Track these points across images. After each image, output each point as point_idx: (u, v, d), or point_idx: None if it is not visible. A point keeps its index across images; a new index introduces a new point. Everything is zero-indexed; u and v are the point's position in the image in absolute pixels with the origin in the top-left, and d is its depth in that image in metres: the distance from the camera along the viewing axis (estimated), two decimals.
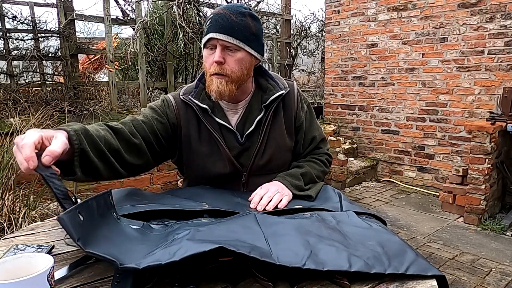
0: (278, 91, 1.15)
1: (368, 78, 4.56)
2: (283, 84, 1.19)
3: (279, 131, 1.18)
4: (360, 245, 0.77)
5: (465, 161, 3.66)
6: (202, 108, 1.13)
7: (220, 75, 1.05)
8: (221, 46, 1.04)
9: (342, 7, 4.71)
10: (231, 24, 1.03)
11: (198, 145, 1.15)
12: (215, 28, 1.04)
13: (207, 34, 1.06)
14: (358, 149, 4.76)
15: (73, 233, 0.64)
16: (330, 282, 0.68)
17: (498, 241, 2.85)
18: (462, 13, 3.71)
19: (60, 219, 0.63)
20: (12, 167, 2.33)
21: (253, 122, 1.14)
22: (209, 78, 1.08)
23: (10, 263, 0.57)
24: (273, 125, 1.17)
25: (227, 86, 1.06)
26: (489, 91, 3.63)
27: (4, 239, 0.91)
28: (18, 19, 3.16)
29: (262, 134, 1.15)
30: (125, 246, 0.72)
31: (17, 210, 2.09)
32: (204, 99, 1.14)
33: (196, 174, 1.20)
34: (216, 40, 1.04)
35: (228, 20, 1.04)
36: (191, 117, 1.14)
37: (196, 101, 1.13)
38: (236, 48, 1.05)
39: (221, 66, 1.05)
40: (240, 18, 1.05)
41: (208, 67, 1.07)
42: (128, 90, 4.12)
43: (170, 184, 3.33)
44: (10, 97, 3.00)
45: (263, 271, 0.69)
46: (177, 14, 3.34)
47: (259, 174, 1.17)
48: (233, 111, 1.17)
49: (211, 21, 1.06)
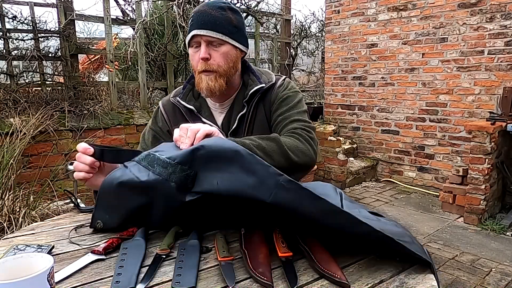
0: (257, 85, 1.14)
1: (368, 78, 4.56)
2: (266, 78, 1.17)
3: (261, 126, 1.16)
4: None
5: (465, 161, 3.66)
6: (188, 109, 1.15)
7: (208, 71, 1.07)
8: (205, 42, 1.05)
9: (342, 7, 4.71)
10: (212, 19, 1.05)
11: None
12: (197, 25, 1.05)
13: (190, 32, 1.07)
14: (358, 149, 4.76)
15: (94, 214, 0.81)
16: (330, 282, 0.68)
17: (498, 241, 2.85)
18: (462, 13, 3.71)
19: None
20: (12, 167, 2.33)
21: (236, 119, 1.14)
22: (198, 76, 1.09)
23: (10, 263, 0.57)
24: (256, 120, 1.15)
25: (216, 82, 1.07)
26: (489, 91, 3.63)
27: (4, 239, 0.91)
28: (18, 19, 3.16)
29: (245, 130, 1.15)
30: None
31: (17, 210, 2.10)
32: (191, 100, 1.16)
33: None
34: (200, 36, 1.05)
35: (209, 16, 1.05)
36: (179, 119, 1.16)
37: (183, 102, 1.15)
38: (220, 42, 1.06)
39: (207, 62, 1.06)
40: (220, 12, 1.06)
41: (196, 65, 1.09)
42: (128, 90, 4.11)
43: None
44: (10, 97, 3.00)
45: (262, 271, 0.69)
46: (177, 14, 3.35)
47: None
48: (220, 110, 1.18)
49: (192, 19, 1.07)
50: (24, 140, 2.60)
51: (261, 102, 1.16)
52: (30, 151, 2.79)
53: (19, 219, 2.01)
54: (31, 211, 2.14)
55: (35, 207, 2.22)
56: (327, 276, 0.69)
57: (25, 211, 2.07)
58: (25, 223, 1.99)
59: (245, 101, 1.14)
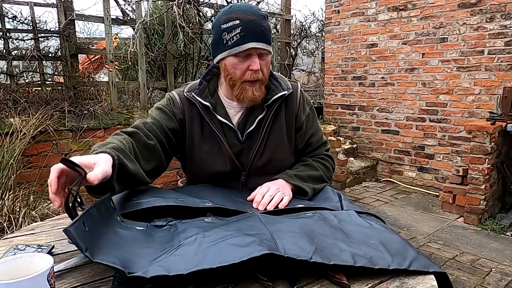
0: (281, 91, 1.15)
1: (368, 78, 4.56)
2: (286, 85, 1.19)
3: (279, 132, 1.18)
4: (362, 243, 0.77)
5: (465, 161, 3.66)
6: (204, 105, 1.14)
7: (254, 81, 1.07)
8: (258, 54, 1.06)
9: (342, 7, 4.71)
10: (264, 31, 1.05)
11: (201, 142, 1.16)
12: (253, 37, 1.03)
13: (243, 44, 1.03)
14: (358, 149, 4.76)
15: (80, 244, 0.64)
16: (330, 282, 0.68)
17: (498, 241, 2.85)
18: (462, 13, 3.71)
19: (66, 231, 0.64)
20: (12, 167, 2.33)
21: (254, 121, 1.14)
22: (240, 86, 1.09)
23: (10, 263, 0.57)
24: (274, 125, 1.17)
25: (260, 91, 1.10)
26: (489, 91, 3.63)
27: (4, 239, 0.91)
28: (18, 19, 3.16)
29: (262, 133, 1.15)
30: (131, 250, 0.72)
31: (17, 210, 2.09)
32: (207, 97, 1.15)
33: (197, 171, 1.21)
34: (255, 49, 1.05)
35: (261, 27, 1.05)
36: (195, 114, 1.16)
37: (199, 98, 1.14)
38: (267, 53, 1.08)
39: (257, 72, 1.07)
40: (265, 22, 1.07)
41: (241, 74, 1.07)
42: (128, 90, 4.11)
43: (170, 184, 3.33)
44: (10, 97, 3.00)
45: (263, 271, 0.69)
46: (177, 14, 3.34)
47: (258, 174, 1.18)
48: (235, 109, 1.17)
49: (242, 28, 1.03)
50: (24, 140, 2.60)
51: (281, 108, 1.18)
52: (30, 151, 2.79)
53: (19, 219, 2.01)
54: (31, 211, 2.14)
55: (35, 207, 2.22)
56: (327, 276, 0.69)
57: (25, 211, 2.07)
58: (25, 223, 1.99)
59: (266, 105, 1.14)
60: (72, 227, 0.65)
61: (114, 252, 0.69)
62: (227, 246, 0.71)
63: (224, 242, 0.73)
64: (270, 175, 1.16)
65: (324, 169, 1.23)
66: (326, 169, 1.25)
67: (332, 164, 1.29)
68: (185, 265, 0.65)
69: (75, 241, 0.64)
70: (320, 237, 0.78)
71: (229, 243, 0.72)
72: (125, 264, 0.65)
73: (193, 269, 0.64)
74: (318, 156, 1.27)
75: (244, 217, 0.90)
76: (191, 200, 0.97)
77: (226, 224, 0.85)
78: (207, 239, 0.75)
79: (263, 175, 1.16)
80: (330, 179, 1.25)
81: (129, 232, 0.78)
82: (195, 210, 0.92)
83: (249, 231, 0.77)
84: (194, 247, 0.72)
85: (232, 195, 1.10)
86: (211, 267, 0.64)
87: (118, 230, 0.77)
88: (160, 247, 0.74)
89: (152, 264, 0.67)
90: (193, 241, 0.74)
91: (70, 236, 0.64)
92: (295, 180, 1.12)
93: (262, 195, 1.04)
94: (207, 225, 0.85)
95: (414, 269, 0.70)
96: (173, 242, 0.76)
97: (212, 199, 1.00)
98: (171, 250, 0.72)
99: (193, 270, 0.63)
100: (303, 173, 1.16)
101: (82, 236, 0.66)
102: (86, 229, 0.68)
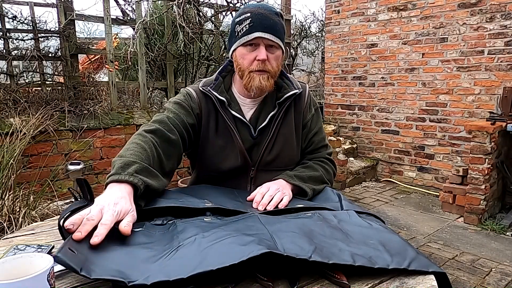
0: (293, 89, 1.20)
1: (368, 78, 4.56)
2: (297, 85, 1.24)
3: (288, 129, 1.22)
4: (362, 243, 0.77)
5: (465, 161, 3.66)
6: (220, 100, 1.16)
7: (262, 71, 1.11)
8: (265, 45, 1.10)
9: (342, 7, 4.71)
10: (274, 24, 1.10)
11: (215, 136, 1.18)
12: (260, 27, 1.08)
13: (251, 33, 1.09)
14: (358, 149, 4.76)
15: (73, 267, 0.62)
16: (330, 282, 0.68)
17: (498, 241, 2.85)
18: (462, 13, 3.71)
19: (56, 258, 0.61)
20: (12, 167, 2.33)
21: (266, 117, 1.18)
22: (248, 74, 1.12)
23: (10, 263, 0.57)
24: (284, 122, 1.21)
25: (268, 81, 1.12)
26: (489, 91, 3.63)
27: (4, 239, 0.91)
28: (18, 19, 3.15)
29: (273, 129, 1.19)
30: (129, 255, 0.71)
31: (17, 210, 2.09)
32: (223, 92, 1.18)
33: (207, 167, 1.22)
34: (261, 39, 1.09)
35: (271, 20, 1.10)
36: (211, 108, 1.18)
37: (215, 93, 1.17)
38: (276, 46, 1.12)
39: (264, 63, 1.10)
40: (277, 18, 1.12)
41: (248, 64, 1.12)
42: (128, 90, 4.11)
43: (170, 184, 3.33)
44: (10, 97, 3.00)
45: (263, 271, 0.69)
46: (177, 14, 3.34)
47: (266, 169, 1.20)
48: (248, 106, 1.21)
49: (252, 20, 1.09)
50: (24, 140, 2.60)
51: (292, 106, 1.22)
52: (30, 151, 2.79)
53: (19, 219, 2.01)
54: (31, 211, 2.14)
55: (35, 207, 2.22)
56: (327, 276, 0.69)
57: (25, 211, 2.07)
58: (25, 223, 1.99)
59: (278, 102, 1.19)
60: (60, 253, 0.63)
61: (111, 263, 0.67)
62: (227, 246, 0.71)
63: (223, 242, 0.73)
64: (277, 171, 1.19)
65: (324, 171, 1.25)
66: (326, 171, 1.26)
67: (333, 168, 1.31)
68: (185, 268, 0.65)
69: (67, 265, 0.62)
70: (320, 237, 0.78)
71: (229, 243, 0.72)
72: (124, 274, 0.64)
73: (193, 272, 0.63)
74: (319, 159, 1.29)
75: (243, 217, 0.90)
76: (191, 201, 0.97)
77: (226, 224, 0.85)
78: (206, 239, 0.75)
79: (271, 171, 1.19)
80: (330, 182, 1.26)
81: (126, 235, 0.78)
82: (195, 210, 0.92)
83: (248, 231, 0.77)
84: (194, 248, 0.72)
85: (232, 195, 1.11)
86: (211, 269, 0.64)
87: (115, 235, 0.76)
88: (160, 248, 0.74)
89: (152, 269, 0.66)
90: (193, 241, 0.74)
91: (61, 261, 0.62)
92: (295, 180, 1.13)
93: (262, 195, 1.05)
94: (206, 225, 0.85)
95: (413, 269, 0.70)
96: (173, 243, 0.75)
97: (212, 199, 1.01)
98: (171, 252, 0.72)
99: (194, 273, 0.63)
100: (303, 174, 1.18)
101: (72, 259, 0.63)
102: (75, 253, 0.66)
